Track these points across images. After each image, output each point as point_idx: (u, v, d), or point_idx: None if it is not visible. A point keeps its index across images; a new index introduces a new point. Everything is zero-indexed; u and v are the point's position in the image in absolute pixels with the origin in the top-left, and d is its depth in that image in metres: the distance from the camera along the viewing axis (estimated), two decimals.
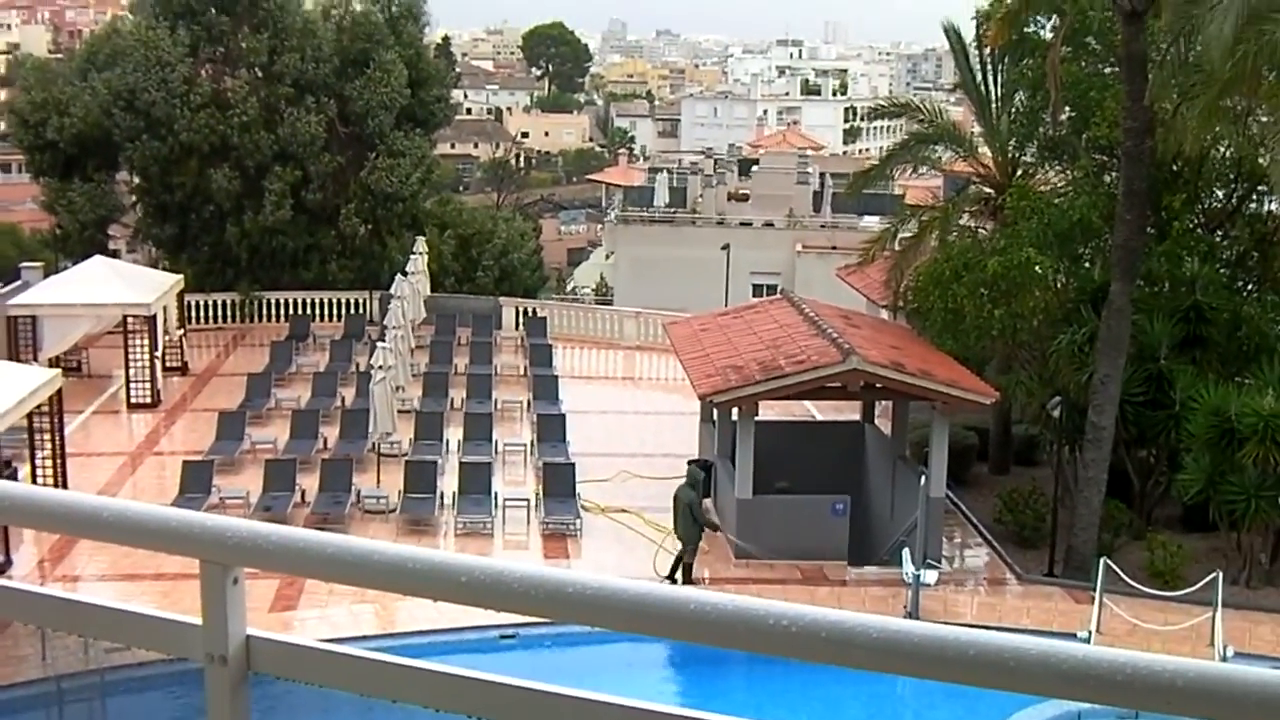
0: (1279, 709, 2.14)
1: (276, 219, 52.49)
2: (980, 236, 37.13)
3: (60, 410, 32.37)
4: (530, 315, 53.75)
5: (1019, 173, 38.02)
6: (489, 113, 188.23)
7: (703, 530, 29.71)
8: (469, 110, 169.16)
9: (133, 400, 42.29)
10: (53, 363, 39.29)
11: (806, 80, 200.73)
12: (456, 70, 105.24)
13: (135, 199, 56.73)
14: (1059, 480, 32.10)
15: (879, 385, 31.38)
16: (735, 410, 31.90)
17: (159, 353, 43.08)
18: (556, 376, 44.75)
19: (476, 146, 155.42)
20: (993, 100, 38.58)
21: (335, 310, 53.98)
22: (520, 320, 53.63)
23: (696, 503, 29.69)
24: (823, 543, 30.63)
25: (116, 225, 57.83)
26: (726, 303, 54.97)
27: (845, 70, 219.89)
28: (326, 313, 53.84)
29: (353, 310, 53.83)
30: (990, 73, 38.77)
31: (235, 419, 38.44)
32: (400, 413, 37.23)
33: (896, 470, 33.11)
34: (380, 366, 34.46)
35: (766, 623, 2.35)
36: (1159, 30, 30.64)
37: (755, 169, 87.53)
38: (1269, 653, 26.65)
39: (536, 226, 79.32)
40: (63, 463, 32.54)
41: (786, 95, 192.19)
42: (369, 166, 54.05)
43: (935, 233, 37.10)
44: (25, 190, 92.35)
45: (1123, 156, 30.87)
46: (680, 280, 63.93)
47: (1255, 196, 36.93)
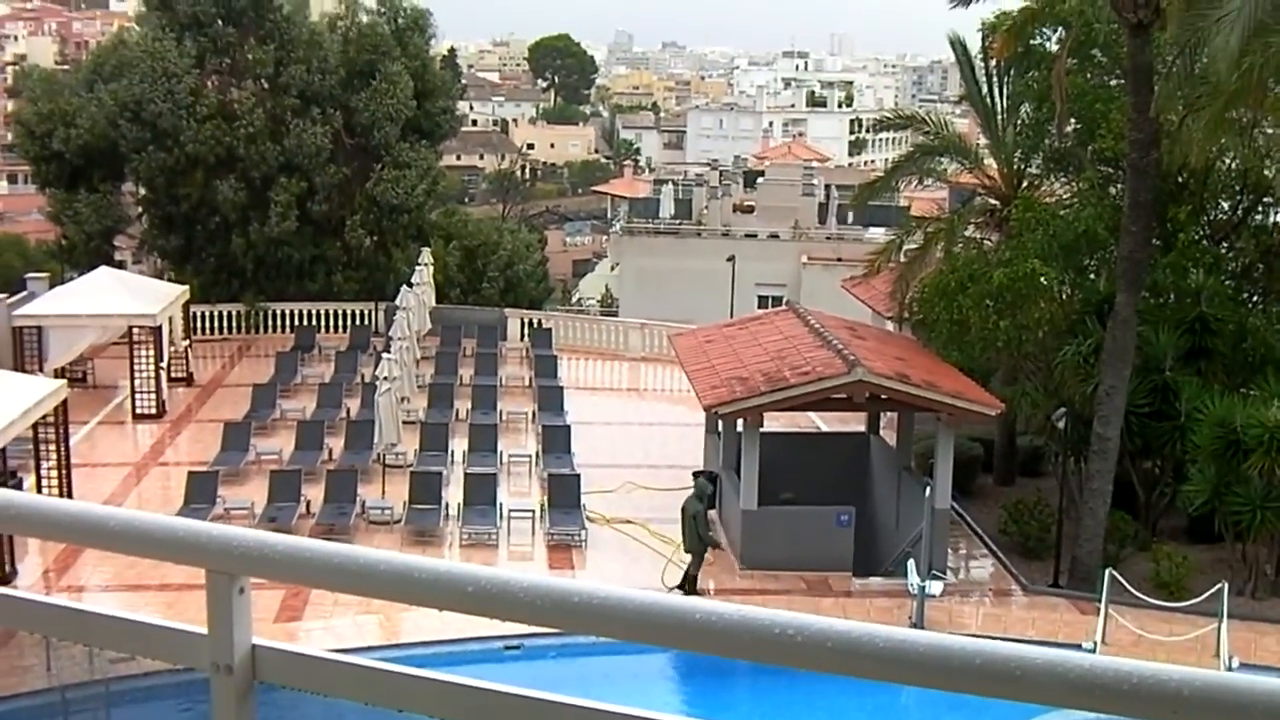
0: None
1: (282, 230, 52.49)
2: (986, 248, 37.11)
3: (65, 421, 32.41)
4: (535, 326, 53.72)
5: (1024, 184, 38.06)
6: (495, 124, 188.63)
7: (704, 541, 29.69)
8: (475, 122, 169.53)
9: (138, 411, 42.27)
10: (58, 373, 39.37)
11: (812, 92, 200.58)
12: (462, 82, 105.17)
13: (141, 210, 56.79)
14: (1064, 491, 32.08)
15: (884, 397, 31.35)
16: (740, 421, 31.90)
17: (164, 363, 43.02)
18: (562, 388, 44.77)
19: (482, 158, 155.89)
20: (998, 112, 38.58)
21: (340, 321, 53.98)
22: (525, 331, 53.59)
23: (702, 515, 29.66)
24: (828, 554, 30.62)
25: (122, 236, 57.78)
26: (732, 314, 54.91)
27: (851, 82, 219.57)
28: (332, 324, 53.82)
29: (358, 321, 53.81)
30: (996, 85, 38.77)
31: (240, 430, 38.43)
32: (405, 424, 37.19)
33: (901, 481, 33.08)
34: (385, 378, 34.47)
35: (772, 632, 2.35)
36: (1165, 42, 30.63)
37: (760, 181, 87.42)
38: (1274, 664, 26.60)
39: (542, 238, 79.30)
40: (68, 473, 32.59)
41: (792, 107, 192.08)
42: (374, 178, 54.06)
43: (941, 244, 37.08)
44: (31, 201, 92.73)
45: (1128, 168, 30.85)
46: (685, 292, 63.91)
47: (1261, 208, 36.97)
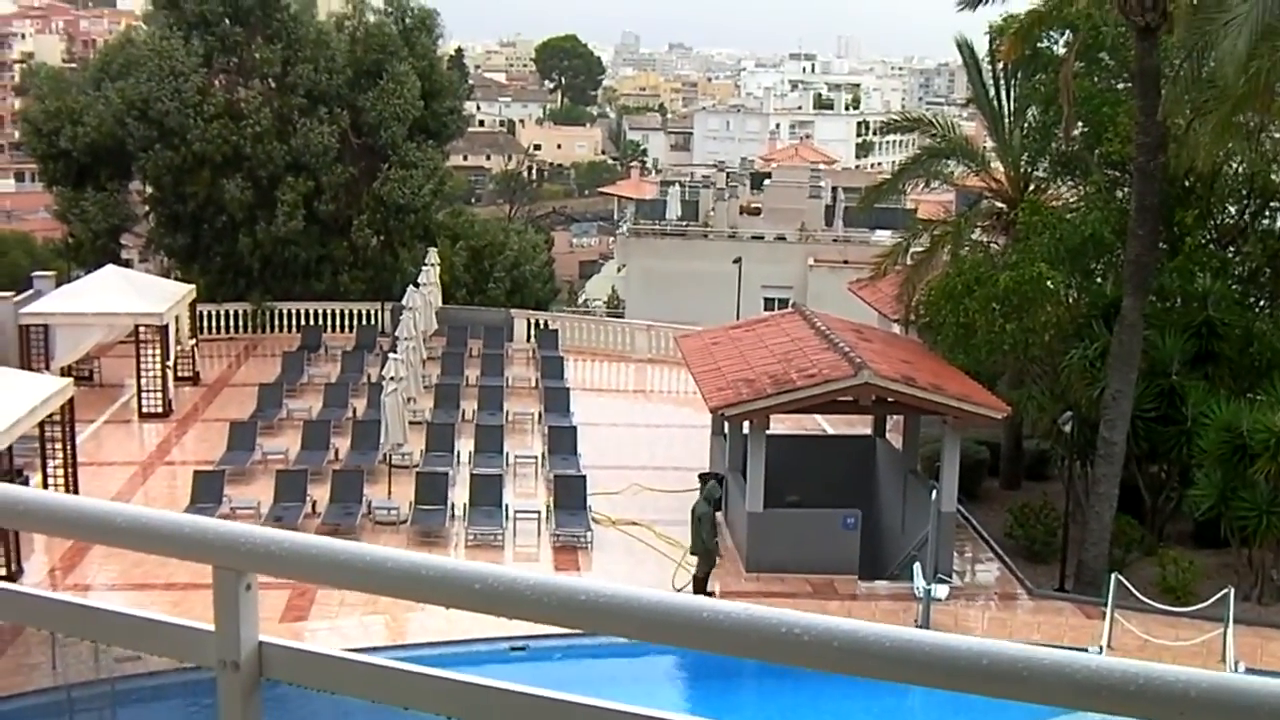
0: None
1: (289, 230, 52.49)
2: (992, 251, 37.12)
3: (72, 419, 32.43)
4: (542, 327, 53.74)
5: (1031, 188, 38.02)
6: (501, 125, 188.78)
7: (707, 546, 29.66)
8: (481, 122, 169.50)
9: (144, 410, 42.29)
10: (64, 372, 39.41)
11: (819, 94, 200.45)
12: (469, 82, 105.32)
13: (148, 208, 56.80)
14: (1070, 495, 32.06)
15: (890, 399, 31.35)
16: (747, 424, 31.89)
17: (171, 362, 43.04)
18: (568, 389, 44.80)
19: (489, 158, 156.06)
20: (1005, 115, 38.57)
21: (347, 321, 54.02)
22: (532, 332, 53.65)
23: (708, 518, 29.64)
24: (833, 556, 30.61)
25: (129, 235, 57.87)
26: (738, 316, 54.95)
27: (858, 85, 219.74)
28: (338, 324, 53.88)
29: (364, 321, 53.85)
30: (1003, 88, 38.74)
31: (246, 429, 38.47)
32: (412, 424, 37.27)
33: (907, 484, 33.07)
34: (392, 378, 34.49)
35: (779, 631, 2.34)
36: (1172, 46, 30.60)
37: (767, 183, 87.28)
38: None
39: (548, 239, 79.20)
40: (74, 471, 32.62)
41: (799, 109, 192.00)
42: (381, 178, 54.07)
43: (947, 247, 37.06)
44: (38, 199, 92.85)
45: (1135, 172, 30.85)
46: (692, 293, 63.86)
47: (1268, 212, 36.96)
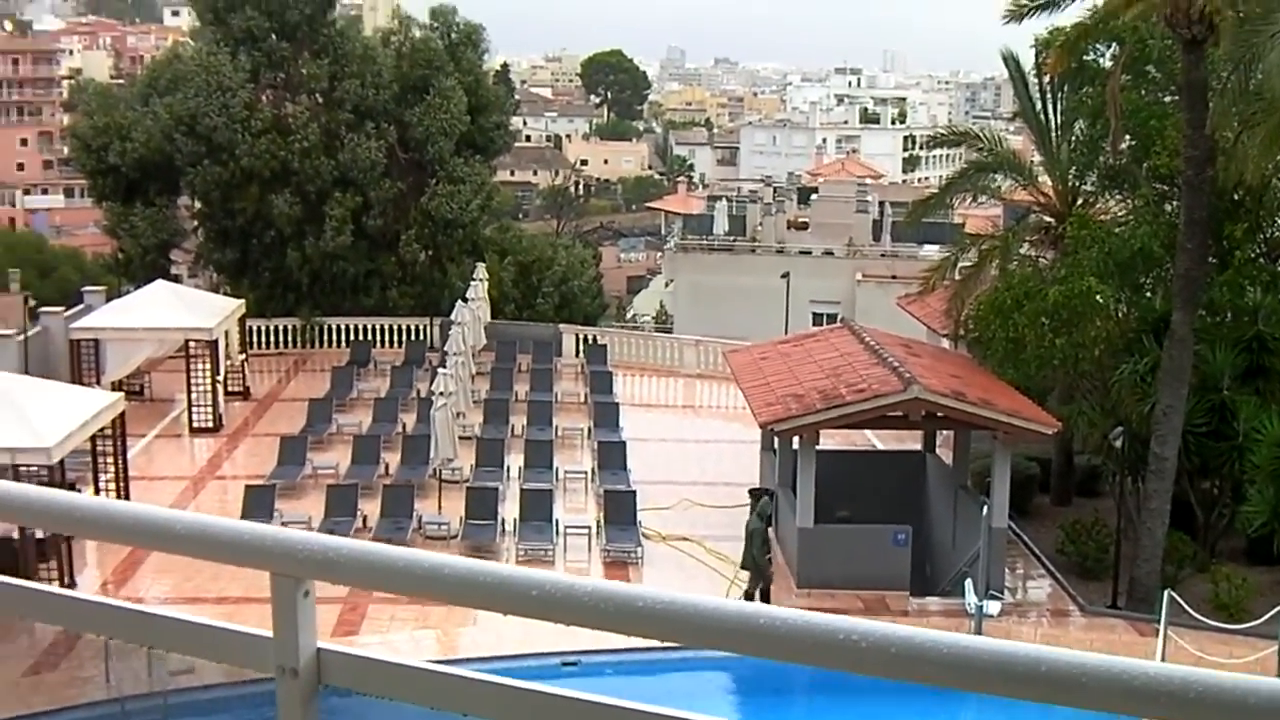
0: None
1: (337, 244, 52.70)
2: (1041, 265, 36.95)
3: (123, 434, 32.68)
4: (590, 342, 53.75)
5: (1079, 201, 37.86)
6: (548, 140, 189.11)
7: (758, 563, 29.62)
8: (528, 137, 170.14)
9: (195, 424, 42.53)
10: (115, 386, 39.65)
11: (865, 109, 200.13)
12: (515, 97, 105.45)
13: (196, 224, 57.17)
14: (1121, 511, 31.86)
15: (940, 414, 31.26)
16: (796, 439, 31.82)
17: (221, 377, 43.28)
18: (617, 404, 44.83)
19: (536, 174, 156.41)
20: (1052, 129, 38.41)
21: (396, 336, 54.16)
22: (580, 347, 53.67)
23: (759, 534, 29.62)
24: (884, 572, 30.51)
25: (178, 250, 58.16)
26: (786, 331, 54.79)
27: (904, 99, 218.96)
28: (387, 339, 54.03)
29: (413, 336, 53.97)
30: (1050, 101, 38.59)
31: (297, 444, 38.63)
32: (461, 439, 37.32)
33: (958, 500, 32.93)
34: (441, 393, 34.58)
35: (836, 638, 2.34)
36: (1219, 58, 30.42)
37: (814, 197, 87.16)
38: None
39: (596, 254, 79.21)
40: (126, 485, 32.86)
41: (845, 124, 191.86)
42: (429, 193, 54.28)
43: (995, 261, 36.92)
44: (88, 215, 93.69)
45: (1183, 185, 30.68)
46: (740, 308, 63.74)
47: None
